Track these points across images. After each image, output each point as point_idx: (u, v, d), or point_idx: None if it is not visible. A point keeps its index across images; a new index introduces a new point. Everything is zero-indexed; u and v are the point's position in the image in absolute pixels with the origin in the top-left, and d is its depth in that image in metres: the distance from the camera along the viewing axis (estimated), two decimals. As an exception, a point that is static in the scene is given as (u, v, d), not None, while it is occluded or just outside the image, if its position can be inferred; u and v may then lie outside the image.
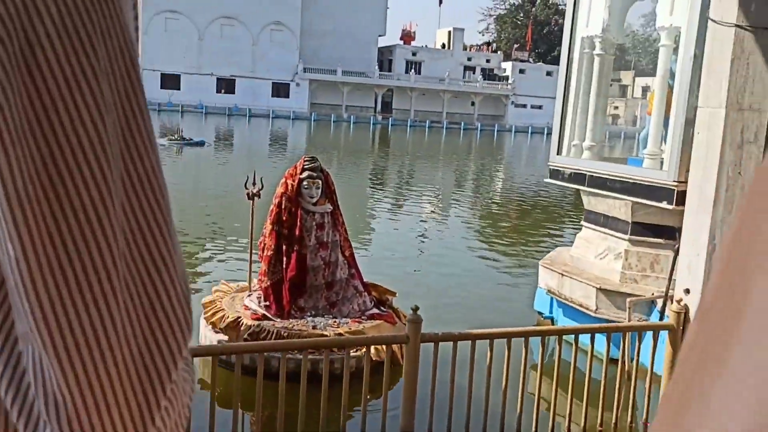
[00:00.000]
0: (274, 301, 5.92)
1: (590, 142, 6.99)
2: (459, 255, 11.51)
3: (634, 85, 75.18)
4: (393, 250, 11.40)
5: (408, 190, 21.11)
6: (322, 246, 6.03)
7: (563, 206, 19.51)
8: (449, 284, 9.38)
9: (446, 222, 15.41)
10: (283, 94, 72.43)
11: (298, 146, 39.33)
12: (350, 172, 25.08)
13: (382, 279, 7.32)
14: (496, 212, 17.96)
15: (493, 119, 78.05)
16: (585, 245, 7.07)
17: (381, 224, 14.43)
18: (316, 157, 6.25)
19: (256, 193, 6.22)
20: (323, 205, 6.10)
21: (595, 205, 6.96)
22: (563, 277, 6.88)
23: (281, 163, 26.71)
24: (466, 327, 7.38)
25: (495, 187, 24.89)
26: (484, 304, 8.54)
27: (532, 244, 13.31)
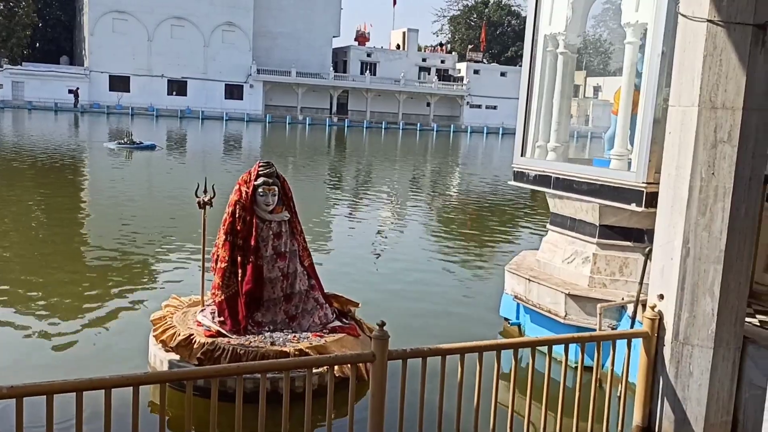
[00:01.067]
0: (229, 316, 5.61)
1: (555, 143, 6.85)
2: (420, 260, 11.31)
3: (586, 85, 76.40)
4: (352, 257, 11.14)
5: (366, 194, 20.87)
6: (279, 256, 5.75)
7: (524, 208, 19.52)
8: (412, 291, 9.17)
9: (406, 226, 15.22)
10: (237, 95, 71.64)
11: (253, 149, 38.74)
12: (306, 176, 24.73)
13: (343, 289, 7.05)
14: (455, 215, 17.85)
15: (448, 120, 78.44)
16: (551, 249, 6.93)
17: (339, 230, 14.15)
18: (272, 162, 5.96)
19: (208, 201, 5.90)
20: (280, 213, 5.81)
21: (562, 207, 6.82)
22: (530, 283, 6.74)
23: (236, 167, 26.19)
24: (430, 336, 7.25)
25: (453, 188, 24.83)
26: (448, 311, 8.35)
27: (494, 247, 13.20)
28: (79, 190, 18.73)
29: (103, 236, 11.97)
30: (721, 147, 4.46)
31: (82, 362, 6.08)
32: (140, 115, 62.43)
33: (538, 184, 6.85)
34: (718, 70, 4.40)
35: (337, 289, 6.81)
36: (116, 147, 29.59)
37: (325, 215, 16.03)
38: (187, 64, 69.96)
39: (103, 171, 23.47)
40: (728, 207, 4.49)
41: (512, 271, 7.09)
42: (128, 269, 9.55)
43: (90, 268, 9.57)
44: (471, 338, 4.87)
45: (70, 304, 7.78)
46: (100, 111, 62.83)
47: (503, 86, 79.08)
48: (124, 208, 14.97)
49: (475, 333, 7.18)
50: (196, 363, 5.26)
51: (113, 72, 67.46)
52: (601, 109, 60.03)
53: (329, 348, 5.45)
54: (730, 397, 4.77)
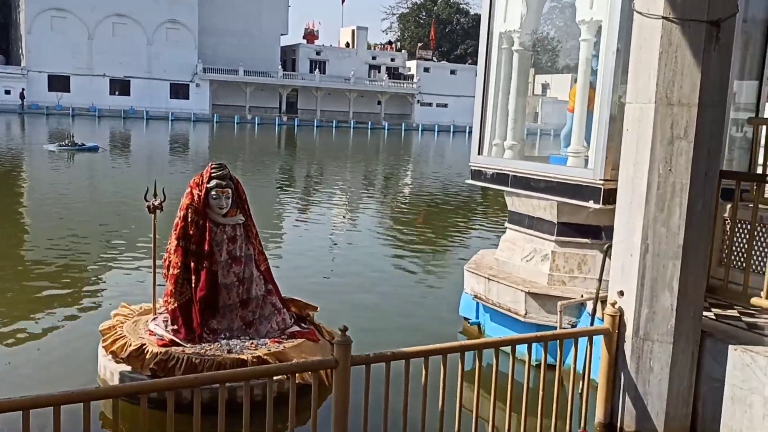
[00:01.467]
0: (183, 324, 5.46)
1: (512, 141, 6.89)
2: (377, 261, 11.28)
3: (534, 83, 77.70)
4: (308, 259, 11.04)
5: (318, 194, 20.76)
6: (234, 261, 5.62)
7: (479, 206, 19.69)
8: (370, 293, 9.13)
9: (360, 226, 15.17)
10: (183, 95, 70.42)
11: (201, 150, 38.10)
12: (257, 177, 24.43)
13: (301, 292, 6.96)
14: (410, 214, 17.88)
15: (399, 118, 78.69)
16: (510, 247, 6.96)
17: (294, 233, 14.01)
18: (225, 164, 5.81)
19: (158, 205, 5.73)
20: (234, 216, 5.69)
21: (519, 206, 6.86)
22: (490, 282, 6.77)
23: (184, 169, 25.69)
24: (391, 338, 7.21)
25: (406, 187, 24.89)
26: (407, 312, 8.33)
27: (451, 246, 13.26)
28: (18, 194, 18.06)
29: (46, 243, 11.55)
30: (678, 143, 4.52)
31: (28, 378, 5.83)
32: (81, 116, 60.80)
33: (495, 183, 6.88)
34: (674, 66, 4.46)
35: (295, 293, 6.71)
36: (57, 149, 28.69)
37: (277, 217, 15.85)
38: (130, 63, 68.40)
39: (43, 174, 22.72)
40: (685, 202, 4.56)
41: (471, 270, 7.11)
42: (74, 277, 9.23)
43: (33, 277, 9.21)
44: (431, 339, 4.84)
45: (12, 316, 7.46)
46: (39, 112, 60.95)
47: (453, 84, 79.76)
48: (67, 213, 14.51)
49: (435, 333, 7.18)
50: (148, 374, 5.10)
51: (52, 71, 65.49)
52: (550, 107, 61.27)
53: (288, 354, 5.36)
54: (689, 391, 4.85)
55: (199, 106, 70.12)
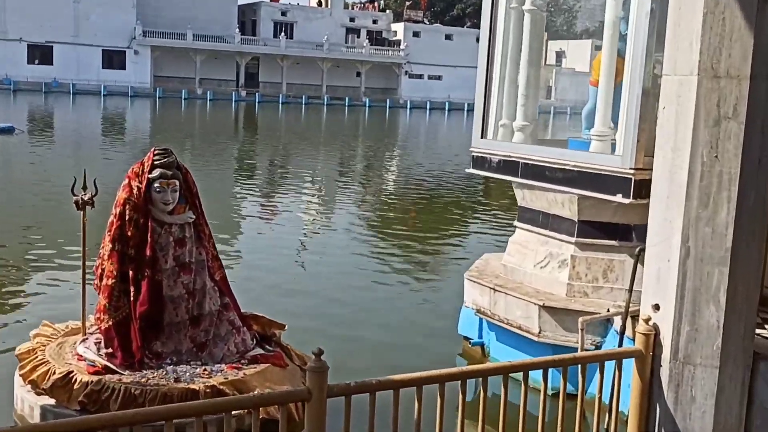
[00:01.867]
0: (119, 347, 5.40)
1: (522, 122, 6.88)
2: (357, 269, 11.27)
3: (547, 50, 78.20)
4: (273, 267, 11.01)
5: (285, 187, 20.71)
6: (183, 269, 5.57)
7: (481, 201, 19.72)
8: (350, 307, 9.12)
9: (336, 225, 15.15)
10: (118, 64, 69.98)
11: (141, 131, 37.89)
12: (209, 166, 24.32)
13: (265, 307, 6.91)
14: (396, 211, 17.88)
15: (383, 93, 78.76)
16: (520, 251, 6.97)
17: (255, 234, 13.96)
18: (170, 150, 5.75)
19: (88, 200, 5.67)
20: (182, 214, 5.65)
21: (532, 200, 6.86)
22: (495, 293, 6.77)
23: (120, 156, 25.50)
24: (376, 363, 7.19)
25: (392, 178, 24.90)
26: (395, 331, 8.34)
27: (448, 250, 13.27)
28: None
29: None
30: (725, 124, 4.51)
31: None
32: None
33: (502, 172, 6.88)
34: (721, 31, 4.44)
35: (257, 307, 6.65)
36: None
37: (236, 215, 15.78)
38: (53, 26, 67.73)
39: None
40: (735, 196, 4.55)
41: (473, 279, 7.09)
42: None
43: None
44: (425, 363, 4.82)
45: None
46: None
47: (449, 52, 79.86)
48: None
49: (430, 356, 7.18)
50: (77, 408, 5.03)
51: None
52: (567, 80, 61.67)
53: (249, 383, 5.31)
54: (739, 424, 4.85)
55: (138, 78, 69.67)
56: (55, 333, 5.98)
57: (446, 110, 73.26)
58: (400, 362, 6.94)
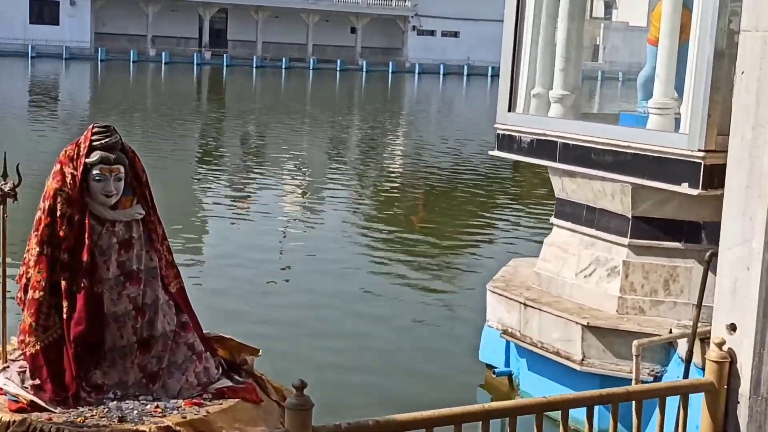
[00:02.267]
0: (49, 378, 5.37)
1: (561, 91, 6.84)
2: (351, 276, 11.26)
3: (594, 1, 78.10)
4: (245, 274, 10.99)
5: (259, 173, 20.67)
6: (129, 278, 5.53)
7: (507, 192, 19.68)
8: (338, 325, 9.10)
9: (324, 222, 15.10)
10: (50, 18, 70.20)
11: (78, 102, 37.96)
12: (165, 146, 24.30)
13: (233, 327, 6.88)
14: (399, 204, 17.84)
15: (385, 54, 78.74)
16: (559, 256, 6.96)
17: (221, 232, 13.95)
18: (113, 127, 5.71)
19: (10, 191, 5.63)
20: (129, 209, 5.60)
21: (573, 191, 6.84)
22: (527, 309, 6.74)
23: (51, 134, 25.51)
24: (371, 397, 7.17)
25: (395, 162, 24.87)
26: (396, 357, 8.32)
27: (464, 253, 13.25)
28: None
29: None
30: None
31: None
32: None
33: (535, 155, 6.85)
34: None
35: (224, 328, 6.62)
36: None
37: (197, 210, 15.78)
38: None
39: None
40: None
41: (498, 291, 7.07)
42: None
43: None
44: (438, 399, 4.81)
45: None
46: None
47: (468, 2, 79.72)
48: None
49: (444, 391, 7.14)
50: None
51: None
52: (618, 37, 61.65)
53: (214, 423, 5.29)
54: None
55: (76, 35, 69.80)
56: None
57: (465, 75, 73.22)
58: (404, 397, 6.91)
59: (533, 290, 6.98)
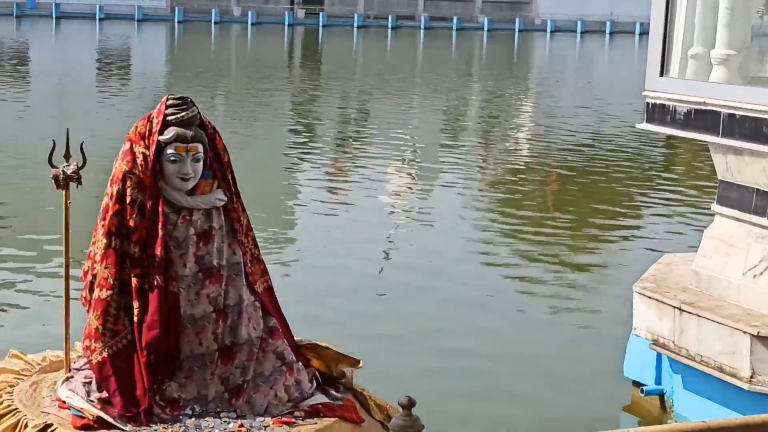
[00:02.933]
0: (118, 390, 5.47)
1: (725, 50, 6.70)
2: (467, 274, 11.24)
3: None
4: (343, 272, 11.05)
5: (361, 151, 20.76)
6: (209, 276, 5.59)
7: (660, 173, 19.37)
8: (454, 333, 9.09)
9: (435, 209, 15.12)
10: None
11: (153, 72, 38.69)
12: (252, 122, 24.60)
13: (330, 333, 6.92)
14: (528, 189, 17.73)
15: (510, 10, 78.45)
16: (723, 251, 6.85)
17: (317, 224, 14.02)
18: (190, 99, 5.76)
19: (73, 174, 5.73)
20: (209, 195, 5.65)
21: (740, 172, 6.72)
22: (683, 315, 6.67)
23: (122, 107, 26.07)
24: (491, 415, 7.15)
25: (523, 137, 24.72)
26: (523, 371, 8.28)
27: (603, 246, 13.10)
28: None
29: None
30: None
31: None
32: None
33: (693, 128, 6.76)
34: None
35: (318, 333, 6.68)
36: None
37: (288, 195, 15.94)
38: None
39: None
40: None
41: (647, 293, 7.00)
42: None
43: None
44: (573, 423, 4.76)
45: None
46: None
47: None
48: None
49: (580, 413, 7.09)
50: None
51: None
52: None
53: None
54: None
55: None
56: (28, 368, 6.12)
57: (607, 33, 72.33)
58: (531, 420, 6.88)
59: (690, 292, 6.90)
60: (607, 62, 51.84)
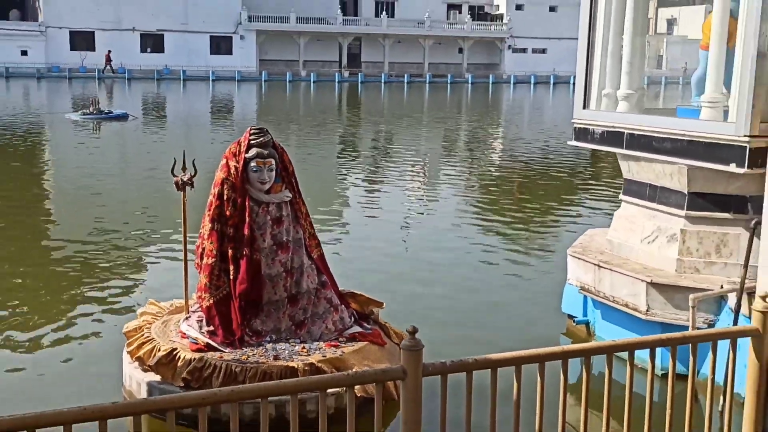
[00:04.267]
0: (220, 325, 5.49)
1: (627, 90, 6.62)
2: (459, 246, 11.15)
3: (657, 18, 75.14)
4: (373, 245, 11.02)
5: (387, 166, 20.70)
6: (280, 247, 5.59)
7: (585, 175, 19.23)
8: (449, 286, 9.03)
9: (439, 205, 15.04)
10: (225, 50, 71.53)
11: (248, 113, 38.76)
12: (313, 146, 24.61)
13: (363, 285, 6.90)
14: (499, 188, 17.63)
15: (486, 69, 77.74)
16: (627, 226, 6.74)
17: (356, 213, 13.99)
18: (266, 129, 5.80)
19: (188, 180, 5.76)
20: (279, 193, 5.66)
21: (638, 172, 6.60)
22: (600, 270, 6.59)
23: (227, 137, 26.06)
24: (474, 341, 7.09)
25: (495, 154, 24.57)
26: (495, 309, 8.23)
27: (551, 226, 12.99)
28: (39, 174, 18.72)
29: (66, 227, 11.95)
30: None
31: (41, 387, 5.99)
32: (109, 79, 62.73)
33: (606, 144, 6.65)
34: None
35: (355, 285, 6.65)
36: (80, 118, 29.55)
37: (336, 195, 15.91)
38: (163, 14, 69.83)
39: (66, 147, 23.55)
40: None
41: (577, 255, 6.92)
42: (96, 267, 9.48)
43: (50, 267, 9.52)
44: (526, 342, 4.69)
45: (26, 314, 7.71)
46: (61, 75, 63.12)
47: (554, 24, 77.95)
48: (92, 194, 14.93)
49: (532, 336, 7.06)
50: (181, 385, 5.13)
51: (74, 27, 67.66)
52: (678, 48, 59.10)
53: (348, 361, 5.30)
54: None
55: (245, 62, 71.08)
56: (160, 311, 6.13)
57: (551, 84, 71.70)
58: (499, 341, 6.83)
59: (606, 254, 6.82)
60: (551, 103, 51.34)
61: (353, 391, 4.04)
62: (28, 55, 65.93)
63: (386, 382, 4.60)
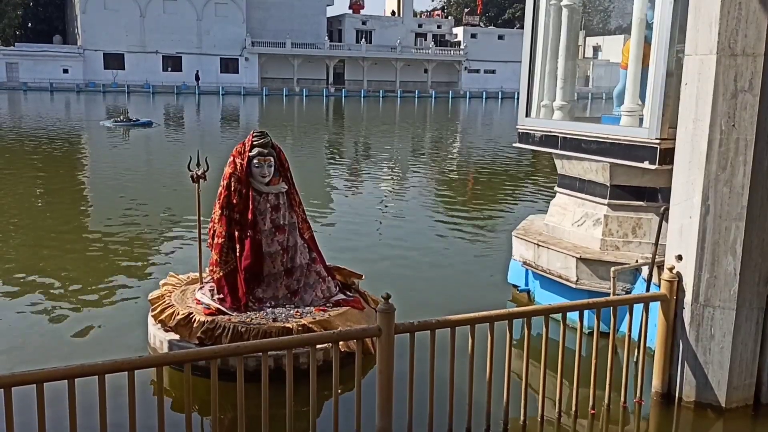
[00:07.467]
0: (228, 293, 5.43)
1: (561, 102, 6.59)
2: (424, 230, 11.12)
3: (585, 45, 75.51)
4: (354, 228, 10.97)
5: (366, 164, 20.63)
6: (278, 230, 5.54)
7: (527, 171, 19.28)
8: (416, 261, 8.98)
9: (408, 195, 14.98)
10: (232, 69, 70.92)
11: (251, 122, 38.39)
12: (305, 147, 24.43)
13: (346, 261, 6.86)
14: (458, 181, 17.62)
15: (446, 86, 77.65)
16: (560, 212, 6.70)
17: (340, 202, 13.91)
18: (266, 132, 5.73)
19: (201, 174, 5.69)
20: (277, 185, 5.60)
21: (570, 168, 6.58)
22: (539, 248, 6.55)
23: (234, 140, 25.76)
24: (437, 306, 7.06)
25: (454, 154, 24.55)
26: (454, 280, 8.18)
27: (499, 212, 12.99)
28: (77, 168, 18.47)
29: (102, 213, 11.78)
30: (742, 96, 4.18)
31: (81, 345, 5.91)
32: (136, 93, 61.99)
33: (544, 145, 6.60)
34: (738, 14, 4.10)
35: (339, 261, 6.61)
36: (113, 125, 29.23)
37: (324, 187, 15.79)
38: (181, 39, 69.07)
39: (101, 149, 23.22)
40: (750, 160, 4.25)
41: (520, 236, 6.89)
42: (126, 247, 9.35)
43: (87, 247, 9.37)
44: (479, 307, 4.69)
45: (68, 286, 7.59)
46: (96, 90, 62.23)
47: (501, 50, 78.03)
48: (122, 185, 14.75)
49: (484, 301, 7.01)
50: (196, 342, 5.08)
51: (107, 50, 66.69)
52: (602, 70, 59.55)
53: (333, 323, 5.27)
54: (753, 359, 4.58)
55: (249, 79, 70.49)
56: (179, 282, 6.05)
57: (499, 98, 71.75)
58: (457, 306, 6.80)
59: (543, 235, 6.80)
60: (499, 114, 51.39)
61: (338, 346, 4.03)
62: (69, 73, 64.96)
63: (365, 339, 4.59)
